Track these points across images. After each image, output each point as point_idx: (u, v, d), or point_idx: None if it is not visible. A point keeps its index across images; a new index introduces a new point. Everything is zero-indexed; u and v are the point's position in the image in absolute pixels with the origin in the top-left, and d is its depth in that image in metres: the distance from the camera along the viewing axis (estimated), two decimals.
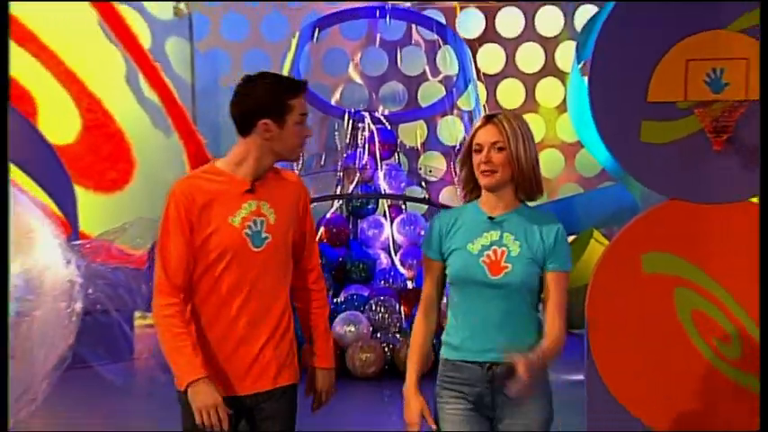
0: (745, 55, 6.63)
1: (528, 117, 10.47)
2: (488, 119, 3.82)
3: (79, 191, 8.52)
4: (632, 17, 6.89)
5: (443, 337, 3.88)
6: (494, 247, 3.71)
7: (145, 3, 10.29)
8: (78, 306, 7.11)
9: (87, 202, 8.54)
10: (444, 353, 3.82)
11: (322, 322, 4.08)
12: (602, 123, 6.98)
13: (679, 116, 6.74)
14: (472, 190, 3.84)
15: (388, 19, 10.33)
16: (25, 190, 7.37)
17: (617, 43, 6.90)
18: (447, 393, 3.76)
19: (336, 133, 9.90)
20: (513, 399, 3.66)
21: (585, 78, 9.62)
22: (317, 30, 10.18)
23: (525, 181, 3.75)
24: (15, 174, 8.04)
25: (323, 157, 9.67)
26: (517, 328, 3.75)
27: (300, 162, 8.50)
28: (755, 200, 6.91)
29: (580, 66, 9.59)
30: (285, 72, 9.96)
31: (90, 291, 7.34)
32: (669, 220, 6.95)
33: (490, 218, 3.76)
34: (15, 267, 6.77)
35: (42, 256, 6.96)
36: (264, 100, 3.82)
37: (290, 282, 4.05)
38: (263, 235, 3.86)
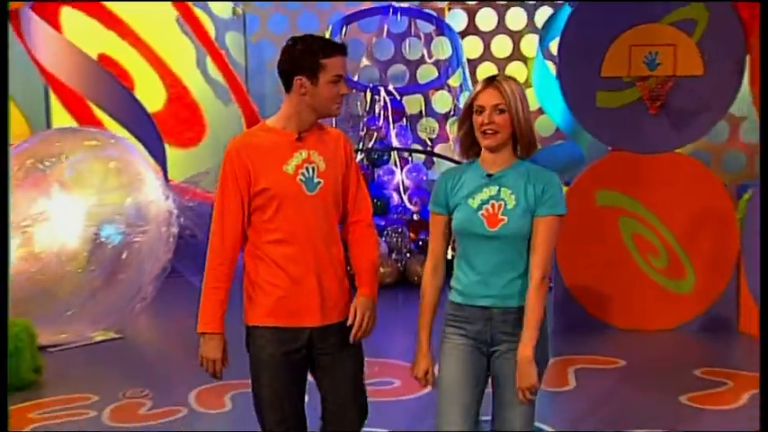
0: (672, 42, 6.77)
1: (513, 64, 10.65)
2: (489, 82, 3.25)
3: (166, 146, 8.61)
4: (589, 14, 6.98)
5: (451, 283, 3.43)
6: (492, 202, 3.24)
7: (210, 4, 10.33)
8: (174, 230, 7.19)
9: (171, 155, 8.61)
10: (450, 296, 3.39)
11: (370, 264, 3.50)
12: (568, 93, 7.09)
13: (624, 87, 6.87)
14: (470, 147, 3.33)
15: (398, 16, 10.49)
16: (132, 144, 7.43)
17: (578, 34, 6.99)
18: (450, 330, 3.34)
19: (358, 103, 9.91)
20: (510, 339, 3.25)
21: (547, 62, 9.82)
22: (344, 25, 10.31)
23: (524, 139, 3.24)
24: (123, 132, 8.14)
25: (350, 122, 9.63)
26: (513, 274, 3.27)
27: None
28: (680, 150, 7.09)
29: (543, 51, 9.78)
30: None
31: (182, 219, 7.37)
32: (615, 165, 7.07)
33: (488, 175, 3.27)
34: (129, 201, 6.88)
35: (148, 192, 7.01)
36: (299, 59, 3.33)
37: (341, 228, 3.56)
38: (316, 180, 3.38)
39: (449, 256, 3.40)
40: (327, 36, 9.65)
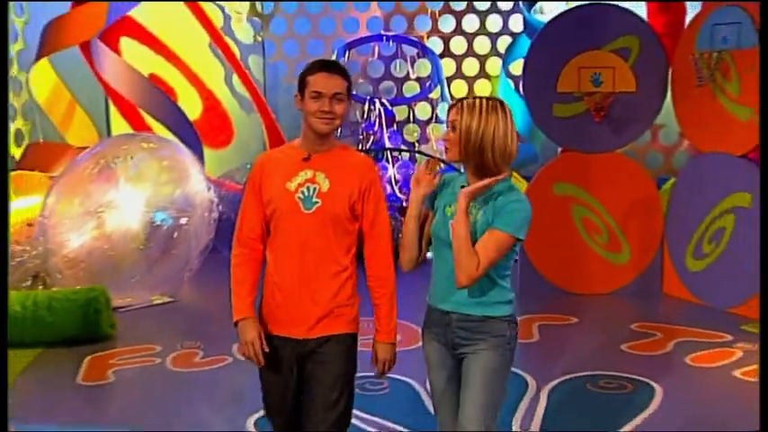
0: (612, 65, 6.79)
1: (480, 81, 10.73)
2: (455, 101, 2.87)
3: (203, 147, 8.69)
4: (548, 42, 7.01)
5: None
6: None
7: (236, 31, 10.32)
8: (215, 215, 7.19)
9: (206, 154, 8.67)
10: (427, 299, 2.99)
11: (383, 304, 3.00)
12: (531, 105, 7.12)
13: (575, 101, 6.91)
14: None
15: (391, 42, 10.50)
16: (181, 146, 7.45)
17: (539, 58, 7.02)
18: (427, 334, 2.96)
19: (357, 112, 9.82)
20: (468, 344, 2.84)
21: (508, 80, 9.91)
22: (347, 50, 10.32)
23: (476, 158, 2.77)
24: (168, 135, 8.21)
25: (350, 128, 9.56)
26: (475, 284, 2.78)
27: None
28: (619, 151, 7.13)
29: (505, 71, 9.87)
30: None
31: (220, 206, 7.35)
32: (569, 163, 7.13)
33: (462, 186, 2.81)
34: (178, 192, 6.88)
35: (194, 185, 7.03)
36: (299, 78, 2.98)
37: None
38: (314, 200, 2.92)
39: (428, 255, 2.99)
40: (333, 58, 9.86)
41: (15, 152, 9.53)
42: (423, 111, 10.62)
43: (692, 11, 7.66)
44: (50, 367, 5.43)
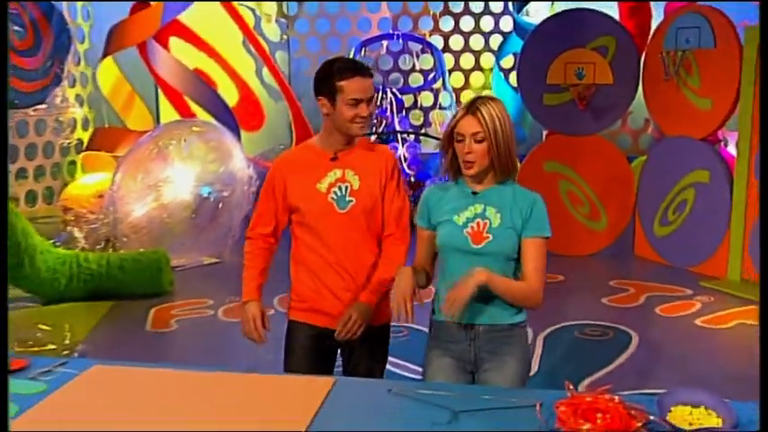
0: (593, 61, 6.72)
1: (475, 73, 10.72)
2: (468, 109, 2.36)
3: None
4: (539, 41, 6.95)
5: (433, 304, 2.52)
6: (477, 219, 2.38)
7: (265, 30, 10.28)
8: (253, 189, 7.09)
9: (243, 136, 8.67)
10: (434, 316, 2.51)
11: (377, 275, 2.62)
12: (524, 95, 7.07)
13: (561, 91, 6.86)
14: (456, 172, 2.44)
15: (400, 40, 10.45)
16: (225, 129, 7.42)
17: (531, 54, 6.97)
18: (435, 352, 2.46)
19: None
20: (492, 354, 2.40)
21: (500, 72, 9.88)
22: (363, 47, 10.26)
23: (502, 165, 2.36)
24: (210, 118, 8.12)
25: None
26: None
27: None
28: (599, 134, 7.04)
29: (498, 65, 9.83)
30: None
31: (258, 181, 7.07)
32: (557, 144, 7.07)
33: (474, 192, 2.40)
34: (222, 169, 6.83)
35: (235, 163, 6.98)
36: (319, 81, 2.56)
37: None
38: (348, 199, 2.59)
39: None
40: (351, 55, 9.82)
41: (83, 136, 9.56)
42: (426, 99, 10.64)
43: (656, 18, 7.66)
44: (123, 317, 5.49)
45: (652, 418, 1.77)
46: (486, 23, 10.93)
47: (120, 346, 4.93)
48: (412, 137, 9.56)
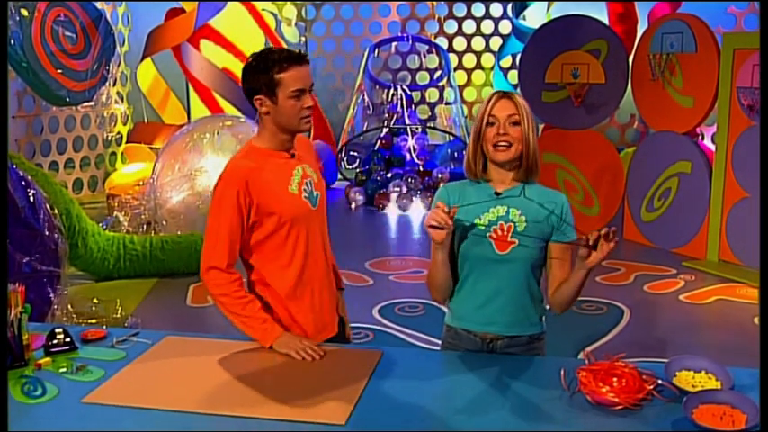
0: (587, 62, 6.72)
1: (476, 72, 10.68)
2: (503, 94, 2.04)
3: None
4: (538, 44, 6.93)
5: (449, 304, 2.15)
6: (500, 222, 2.01)
7: (285, 33, 10.22)
8: None
9: None
10: (448, 319, 2.15)
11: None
12: (525, 92, 6.97)
13: (559, 89, 6.86)
14: (481, 170, 2.07)
15: (410, 41, 10.38)
16: (253, 123, 7.39)
17: (532, 55, 6.95)
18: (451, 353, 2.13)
19: (384, 95, 9.63)
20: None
21: (500, 71, 9.84)
22: (375, 48, 10.15)
23: (530, 159, 2.02)
24: (237, 113, 8.06)
25: (371, 108, 9.43)
26: (522, 301, 2.05)
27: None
28: (593, 129, 7.00)
29: (498, 64, 9.79)
30: (359, 73, 9.70)
31: None
32: (555, 137, 7.03)
33: (497, 193, 2.04)
34: None
35: None
36: (252, 78, 2.09)
37: None
38: (315, 193, 2.21)
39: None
40: (365, 56, 9.72)
41: (123, 130, 9.63)
42: (432, 95, 10.67)
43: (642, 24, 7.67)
44: (165, 293, 5.53)
45: (660, 381, 1.85)
46: (487, 27, 10.92)
47: (164, 318, 4.99)
48: (420, 129, 9.67)
